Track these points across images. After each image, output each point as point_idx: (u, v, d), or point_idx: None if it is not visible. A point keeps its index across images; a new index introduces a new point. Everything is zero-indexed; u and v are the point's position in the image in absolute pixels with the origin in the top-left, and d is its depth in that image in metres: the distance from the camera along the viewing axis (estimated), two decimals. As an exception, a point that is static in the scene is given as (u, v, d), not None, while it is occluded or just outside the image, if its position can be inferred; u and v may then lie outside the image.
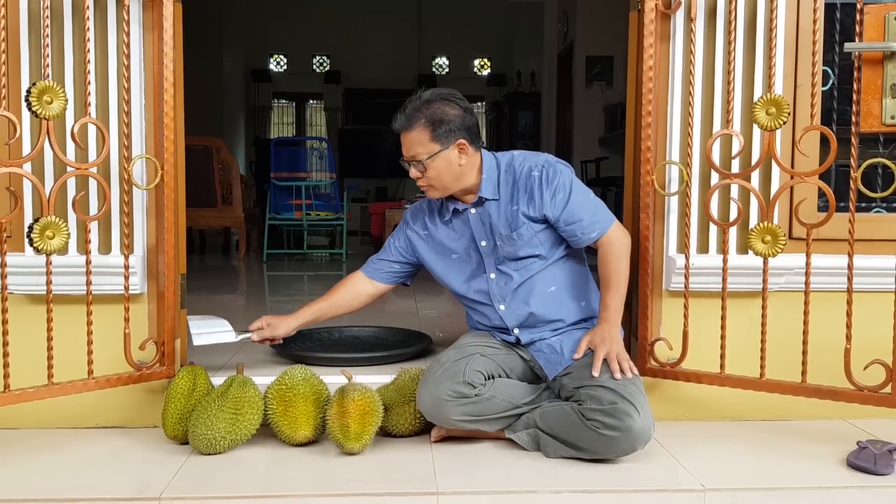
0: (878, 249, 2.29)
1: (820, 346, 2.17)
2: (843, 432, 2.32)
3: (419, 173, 2.19)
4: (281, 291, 5.13)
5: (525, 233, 2.20)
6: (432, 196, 2.26)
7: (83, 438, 2.26)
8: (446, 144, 2.16)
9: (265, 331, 2.42)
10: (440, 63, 11.81)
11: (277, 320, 2.43)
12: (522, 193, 2.20)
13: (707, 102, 2.34)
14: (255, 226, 7.01)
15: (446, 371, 2.13)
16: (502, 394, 2.14)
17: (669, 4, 2.31)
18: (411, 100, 2.19)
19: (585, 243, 2.21)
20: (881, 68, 2.01)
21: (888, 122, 2.01)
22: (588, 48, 7.72)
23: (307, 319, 2.45)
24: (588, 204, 2.20)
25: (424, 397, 2.11)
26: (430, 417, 2.14)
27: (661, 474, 2.00)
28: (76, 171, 2.12)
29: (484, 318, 2.31)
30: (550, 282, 2.24)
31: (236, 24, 10.49)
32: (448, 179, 2.19)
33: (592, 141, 7.78)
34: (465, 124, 2.18)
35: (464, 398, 2.08)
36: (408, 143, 2.18)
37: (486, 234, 2.25)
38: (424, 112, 2.16)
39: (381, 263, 2.45)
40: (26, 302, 2.29)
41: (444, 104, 2.17)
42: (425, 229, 2.37)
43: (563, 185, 2.18)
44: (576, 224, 2.18)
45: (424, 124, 2.15)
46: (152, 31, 2.25)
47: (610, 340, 2.10)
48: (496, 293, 2.26)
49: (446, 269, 2.34)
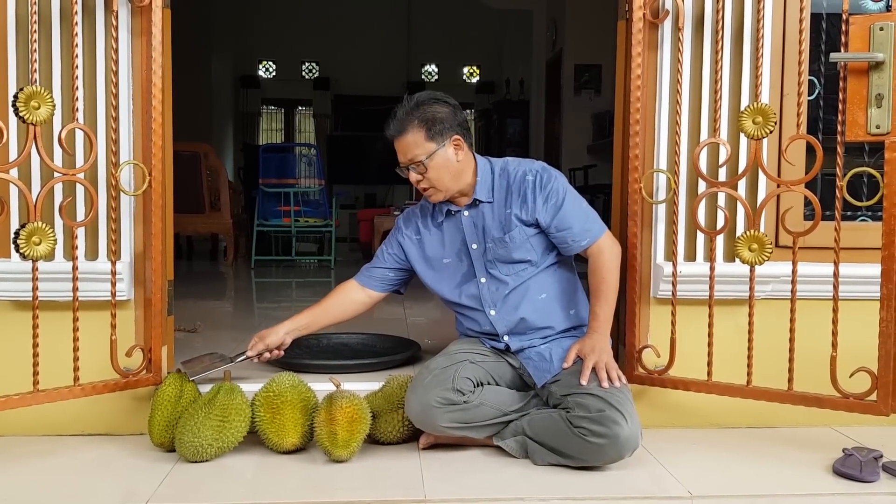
0: (863, 258, 2.30)
1: (806, 353, 2.18)
2: (829, 439, 2.33)
3: (419, 175, 2.19)
4: (269, 298, 5.11)
5: (517, 236, 2.20)
6: (435, 199, 2.25)
7: (69, 446, 2.24)
8: (442, 142, 2.17)
9: (258, 345, 2.37)
10: (429, 70, 11.82)
11: (267, 331, 2.40)
12: (516, 197, 2.21)
13: (694, 111, 2.35)
14: (244, 232, 6.99)
15: (435, 378, 2.13)
16: (491, 401, 2.14)
17: (657, 13, 2.33)
18: (400, 106, 2.20)
19: (575, 251, 2.22)
20: (866, 78, 2.03)
21: (873, 131, 2.02)
22: (576, 56, 7.75)
23: (300, 325, 2.41)
24: (580, 212, 2.21)
25: (413, 404, 2.11)
26: (419, 424, 2.13)
27: (648, 481, 2.00)
28: (63, 176, 2.11)
29: (474, 323, 2.31)
30: (541, 289, 2.25)
31: (225, 30, 10.46)
32: (448, 178, 2.19)
33: (581, 149, 7.80)
34: (457, 121, 2.21)
35: (452, 405, 2.08)
36: (404, 147, 2.18)
37: (477, 237, 2.26)
38: (416, 114, 2.17)
39: (375, 271, 2.44)
40: (12, 308, 2.28)
41: (434, 104, 2.19)
42: (417, 234, 2.37)
43: (556, 190, 2.19)
44: (567, 231, 2.19)
45: (418, 125, 2.16)
46: (141, 37, 2.25)
47: (599, 350, 2.11)
48: (487, 298, 2.26)
49: (438, 275, 2.34)
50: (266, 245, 6.82)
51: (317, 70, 11.61)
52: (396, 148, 2.21)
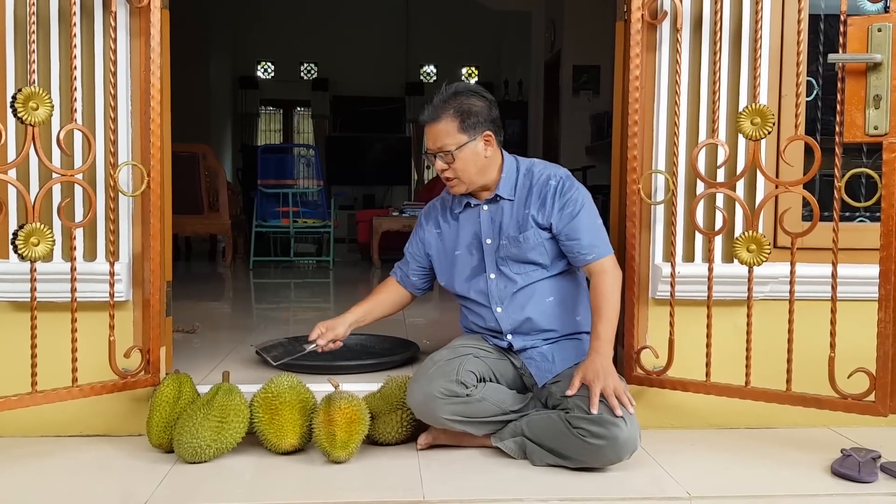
0: (861, 258, 2.31)
1: (804, 354, 2.18)
2: (827, 440, 2.33)
3: (445, 165, 2.20)
4: (267, 299, 5.11)
5: (532, 237, 2.21)
6: (457, 191, 2.26)
7: (67, 447, 2.24)
8: (473, 136, 2.18)
9: (327, 334, 2.35)
10: (428, 71, 11.81)
11: (333, 322, 2.38)
12: (536, 198, 2.22)
13: (693, 112, 2.35)
14: (242, 233, 6.99)
15: (440, 369, 2.14)
16: (492, 397, 2.14)
17: (655, 15, 2.33)
18: (438, 93, 2.21)
19: (581, 263, 2.22)
20: (864, 79, 2.03)
21: (871, 132, 2.03)
22: (575, 57, 7.75)
23: (358, 317, 2.41)
24: (592, 227, 2.21)
25: (416, 393, 2.11)
26: (420, 414, 2.13)
27: (647, 482, 2.00)
28: (62, 177, 2.11)
29: (479, 318, 2.32)
30: (549, 292, 2.25)
31: (223, 30, 10.45)
32: (473, 171, 2.21)
33: (579, 149, 7.80)
34: (491, 116, 2.22)
35: (455, 397, 2.08)
36: (434, 134, 2.19)
37: (493, 233, 2.27)
38: (452, 103, 2.18)
39: (405, 272, 2.46)
40: (10, 309, 2.28)
41: (472, 96, 2.20)
42: (438, 227, 2.39)
43: (574, 200, 2.20)
44: (575, 242, 2.19)
45: (453, 115, 2.17)
46: (139, 38, 2.25)
47: (604, 374, 2.04)
48: (495, 294, 2.26)
49: (449, 267, 2.35)
50: (264, 246, 6.82)
51: (315, 71, 11.60)
52: (426, 133, 2.22)
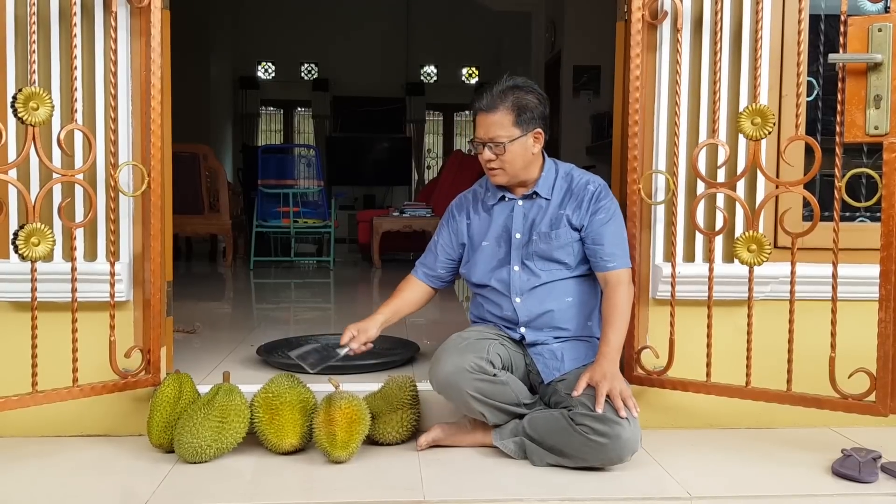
0: (861, 258, 2.30)
1: (805, 354, 2.18)
2: (827, 440, 2.33)
3: (493, 156, 2.21)
4: (268, 299, 5.11)
5: (563, 235, 2.24)
6: (498, 181, 2.27)
7: (68, 447, 2.24)
8: (526, 131, 2.20)
9: (359, 336, 2.31)
10: (428, 71, 11.81)
11: (364, 324, 2.33)
12: (573, 200, 2.25)
13: (693, 112, 2.35)
14: (242, 233, 6.99)
15: (471, 345, 2.16)
16: (514, 385, 2.17)
17: (656, 15, 2.33)
18: (498, 83, 2.23)
19: (600, 270, 2.23)
20: (865, 79, 2.03)
21: (872, 132, 2.03)
22: (575, 58, 7.74)
23: (387, 317, 2.38)
24: (617, 237, 2.24)
25: (446, 364, 2.12)
26: (443, 386, 2.13)
27: (647, 482, 2.00)
28: (62, 177, 2.11)
29: (496, 307, 2.32)
30: (569, 292, 2.27)
31: (224, 31, 10.46)
32: (520, 165, 2.23)
33: (579, 150, 7.80)
34: (543, 114, 2.25)
35: (483, 373, 2.10)
36: (488, 123, 2.20)
37: (523, 228, 2.28)
38: (510, 96, 2.20)
39: (431, 266, 2.44)
40: (11, 309, 2.28)
41: (530, 92, 2.23)
42: (468, 218, 2.40)
43: (607, 208, 2.24)
44: (599, 247, 2.22)
45: (510, 108, 2.19)
46: (140, 38, 2.25)
47: (611, 377, 2.06)
48: (516, 285, 2.27)
49: (474, 257, 2.35)
50: (265, 246, 6.82)
51: (316, 71, 11.61)
52: (478, 121, 2.22)
